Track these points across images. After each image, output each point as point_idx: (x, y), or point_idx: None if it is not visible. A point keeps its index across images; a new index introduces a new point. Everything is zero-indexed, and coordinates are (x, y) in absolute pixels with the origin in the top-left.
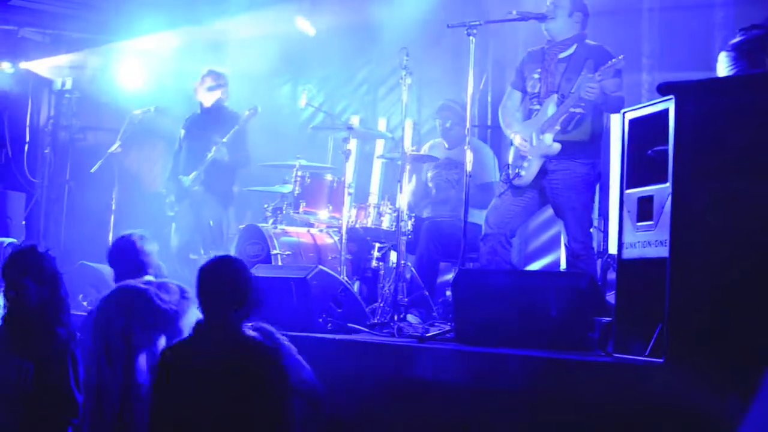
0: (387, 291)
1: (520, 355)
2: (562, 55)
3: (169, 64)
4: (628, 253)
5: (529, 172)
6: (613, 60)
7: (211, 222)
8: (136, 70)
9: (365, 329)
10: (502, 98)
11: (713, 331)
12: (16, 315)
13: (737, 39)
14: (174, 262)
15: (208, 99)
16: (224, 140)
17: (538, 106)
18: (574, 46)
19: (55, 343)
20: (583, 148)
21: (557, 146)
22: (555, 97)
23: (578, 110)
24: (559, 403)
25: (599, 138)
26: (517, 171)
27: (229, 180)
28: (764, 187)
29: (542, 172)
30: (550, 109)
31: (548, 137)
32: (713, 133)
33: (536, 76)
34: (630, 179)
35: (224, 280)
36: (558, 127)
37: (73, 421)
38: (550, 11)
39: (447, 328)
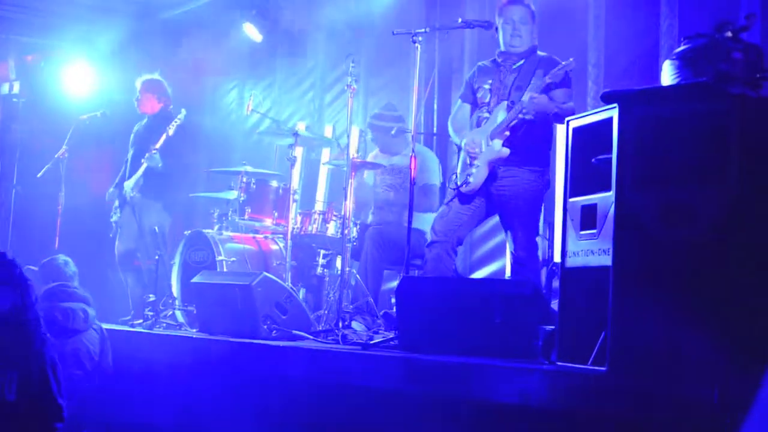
0: (332, 298)
1: (463, 362)
2: (514, 66)
3: (118, 70)
4: (571, 262)
5: (477, 177)
6: (564, 63)
7: (156, 228)
8: (84, 76)
9: (310, 336)
10: (449, 107)
11: (655, 339)
12: None
13: (682, 48)
14: (116, 268)
15: (152, 110)
16: (156, 147)
17: (487, 114)
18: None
19: (33, 350)
20: (532, 155)
21: (506, 150)
22: (505, 103)
23: (529, 116)
24: (502, 411)
25: (548, 146)
26: (465, 178)
27: (169, 187)
28: (706, 196)
29: (491, 178)
30: (500, 115)
31: (497, 143)
32: (656, 141)
33: (487, 86)
34: (573, 187)
35: None
36: (508, 133)
37: (57, 426)
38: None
39: (391, 335)
